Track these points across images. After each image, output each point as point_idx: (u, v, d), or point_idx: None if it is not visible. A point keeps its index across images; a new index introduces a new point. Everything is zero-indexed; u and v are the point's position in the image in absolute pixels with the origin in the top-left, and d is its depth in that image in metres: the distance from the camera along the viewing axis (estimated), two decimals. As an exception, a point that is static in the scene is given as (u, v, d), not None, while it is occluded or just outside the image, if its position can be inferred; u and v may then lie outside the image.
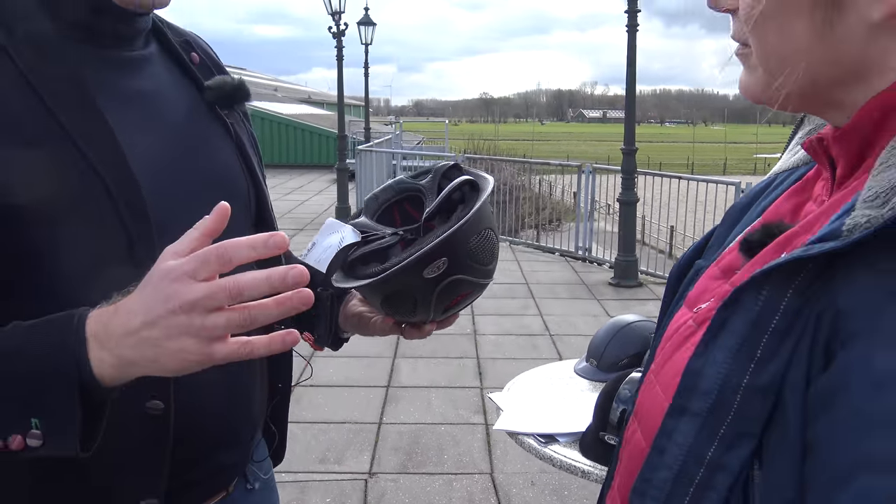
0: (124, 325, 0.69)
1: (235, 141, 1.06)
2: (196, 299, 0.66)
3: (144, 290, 0.70)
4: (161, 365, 0.70)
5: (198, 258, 0.68)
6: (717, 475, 0.54)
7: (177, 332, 0.67)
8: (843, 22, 0.53)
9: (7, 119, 0.80)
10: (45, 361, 0.71)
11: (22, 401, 0.71)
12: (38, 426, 0.70)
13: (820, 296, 0.50)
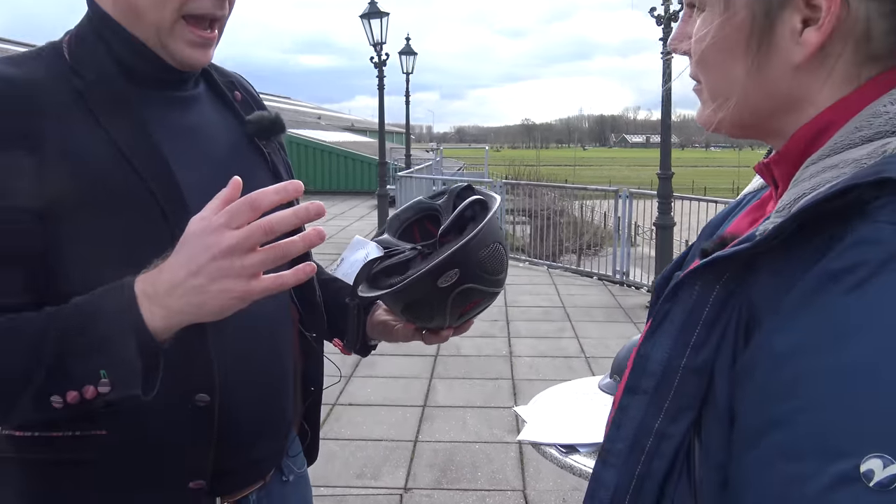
0: (170, 279, 0.83)
1: (272, 169, 1.20)
2: (235, 243, 0.80)
3: (183, 247, 0.83)
4: (207, 308, 0.83)
5: (230, 210, 0.82)
6: (663, 444, 0.64)
7: (220, 275, 0.81)
8: (771, 64, 0.64)
9: (80, 152, 0.95)
10: (103, 321, 0.84)
11: (89, 356, 0.84)
12: (106, 375, 0.84)
13: (741, 290, 0.60)
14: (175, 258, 0.84)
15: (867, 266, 0.50)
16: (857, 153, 0.56)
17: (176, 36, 1.01)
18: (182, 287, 0.83)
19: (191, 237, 0.83)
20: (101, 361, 0.84)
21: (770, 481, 0.51)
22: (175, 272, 0.83)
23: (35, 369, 0.84)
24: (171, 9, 0.98)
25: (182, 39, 1.01)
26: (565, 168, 47.26)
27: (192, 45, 1.02)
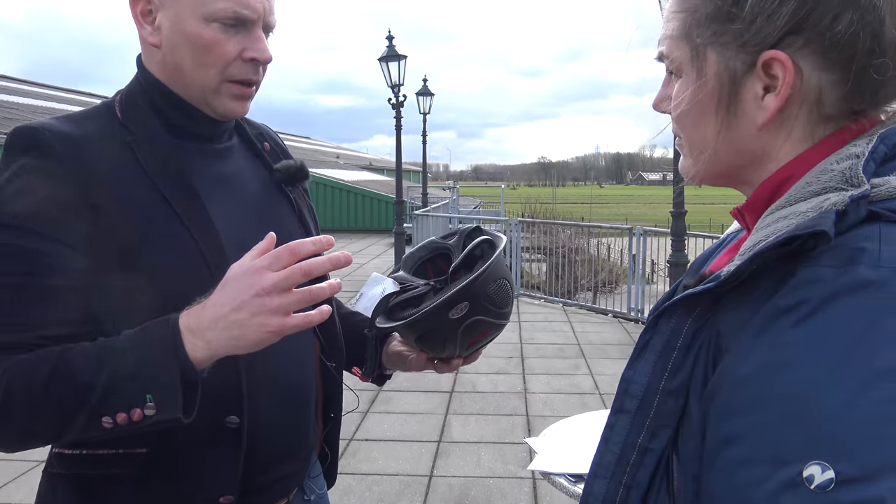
0: (214, 314, 0.94)
1: (297, 213, 1.31)
2: (277, 282, 0.92)
3: (226, 286, 0.95)
4: (245, 341, 0.94)
5: (273, 254, 0.94)
6: (646, 457, 0.72)
7: (260, 310, 0.92)
8: (738, 124, 0.74)
9: (130, 199, 1.07)
10: (150, 351, 0.95)
11: (137, 383, 0.94)
12: (152, 400, 0.94)
13: (710, 321, 0.69)
14: (218, 296, 0.95)
15: (810, 303, 0.59)
16: (804, 206, 0.65)
17: (221, 94, 1.14)
18: (225, 321, 0.93)
19: (233, 278, 0.95)
20: (148, 387, 0.94)
21: (732, 485, 0.60)
22: (218, 308, 0.94)
23: (90, 394, 0.94)
24: (215, 73, 1.12)
25: (226, 95, 1.14)
26: (582, 206, 47.34)
27: (234, 98, 1.15)
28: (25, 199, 1.02)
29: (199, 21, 1.08)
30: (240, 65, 1.12)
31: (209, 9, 1.08)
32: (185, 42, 1.10)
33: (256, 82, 1.17)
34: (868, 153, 0.66)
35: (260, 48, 1.13)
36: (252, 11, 1.10)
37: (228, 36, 1.10)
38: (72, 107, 20.53)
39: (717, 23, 0.72)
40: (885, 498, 0.52)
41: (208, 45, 1.09)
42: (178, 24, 1.10)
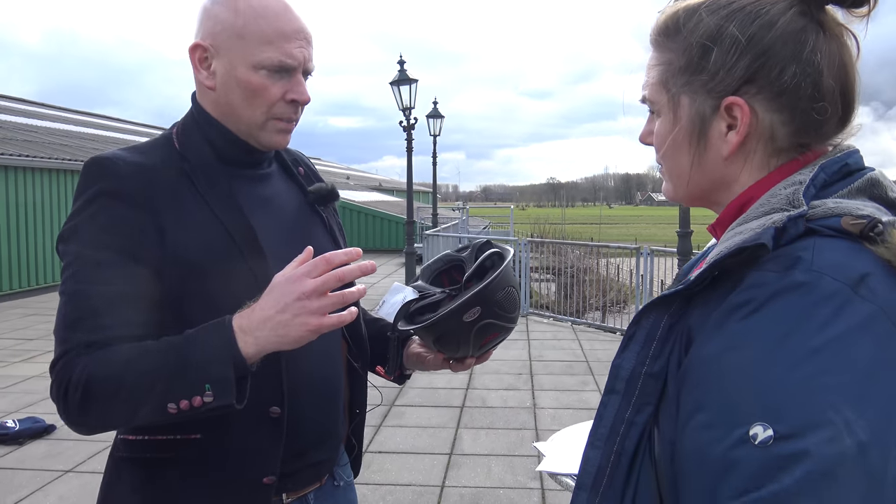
0: (262, 315, 1.11)
1: (328, 229, 1.48)
2: (314, 287, 1.09)
3: (272, 292, 1.12)
4: (288, 338, 1.11)
5: (311, 264, 1.11)
6: (632, 429, 0.88)
7: (301, 312, 1.09)
8: (707, 156, 0.90)
9: (188, 218, 1.24)
10: (210, 348, 1.12)
11: (199, 374, 1.11)
12: (210, 389, 1.10)
13: (683, 317, 0.85)
14: (265, 300, 1.12)
15: (757, 300, 0.75)
16: (755, 223, 0.81)
17: (267, 129, 1.32)
18: (272, 321, 1.10)
19: (278, 285, 1.12)
20: (207, 378, 1.11)
21: (697, 444, 0.75)
22: (266, 310, 1.11)
23: (158, 385, 1.11)
24: (262, 112, 1.30)
25: (271, 130, 1.32)
26: (591, 226, 47.42)
27: (278, 132, 1.33)
28: (101, 219, 1.19)
29: (249, 68, 1.27)
30: (283, 105, 1.30)
31: (258, 58, 1.26)
32: (236, 86, 1.28)
33: (296, 119, 1.34)
34: (809, 180, 0.82)
35: (300, 91, 1.31)
36: (294, 60, 1.28)
37: (273, 81, 1.28)
38: (87, 129, 20.91)
39: (688, 74, 0.88)
40: (810, 449, 0.67)
41: (256, 90, 1.28)
42: (231, 70, 1.28)
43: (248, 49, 1.26)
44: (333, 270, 1.11)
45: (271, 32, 1.26)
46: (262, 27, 1.26)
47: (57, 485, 4.32)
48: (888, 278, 0.74)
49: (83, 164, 1.26)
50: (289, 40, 1.27)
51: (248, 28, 1.26)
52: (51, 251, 13.21)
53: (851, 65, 0.86)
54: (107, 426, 1.21)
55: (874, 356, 0.69)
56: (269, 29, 1.26)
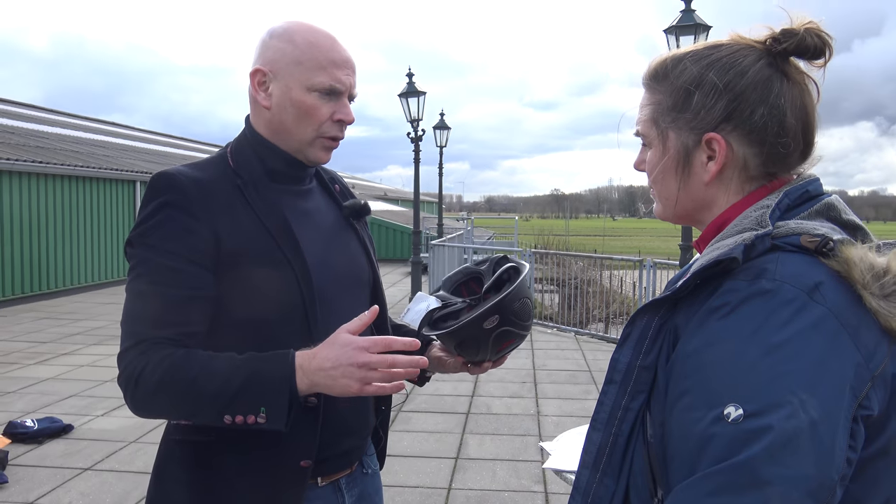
0: (319, 365, 1.27)
1: (361, 241, 1.65)
2: (367, 362, 1.25)
3: (334, 347, 1.27)
4: (332, 389, 1.28)
5: (372, 341, 1.27)
6: (628, 414, 1.03)
7: (350, 376, 1.25)
8: (691, 182, 1.07)
9: (241, 228, 1.41)
10: (272, 378, 1.28)
11: (258, 397, 1.28)
12: (264, 412, 1.27)
13: (671, 318, 1.01)
14: (326, 351, 1.28)
15: (730, 304, 0.91)
16: (730, 241, 0.97)
17: (314, 146, 1.50)
18: (324, 373, 1.27)
19: (339, 343, 1.28)
20: (264, 402, 1.28)
21: (682, 424, 0.90)
22: (323, 362, 1.27)
23: (223, 396, 1.28)
24: (312, 130, 1.48)
25: (318, 147, 1.50)
26: (594, 238, 47.43)
27: (324, 149, 1.51)
28: (167, 228, 1.36)
29: (303, 91, 1.45)
30: (330, 124, 1.48)
31: (311, 82, 1.45)
32: (291, 106, 1.46)
33: (341, 138, 1.52)
34: (775, 204, 0.99)
35: (346, 112, 1.49)
36: (342, 85, 1.47)
37: (324, 102, 1.46)
38: (96, 135, 21.13)
39: (674, 113, 1.05)
40: (773, 424, 0.83)
41: (309, 110, 1.46)
42: (287, 92, 1.46)
43: (304, 74, 1.45)
44: (389, 356, 1.27)
45: (324, 60, 1.45)
46: (316, 56, 1.45)
47: (77, 482, 4.48)
48: (838, 286, 0.90)
49: (150, 177, 1.44)
50: (339, 68, 1.47)
51: (304, 56, 1.45)
52: (62, 256, 13.41)
53: (812, 106, 1.03)
54: (166, 417, 1.40)
55: (824, 349, 0.85)
56: (323, 58, 1.45)
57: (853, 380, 0.85)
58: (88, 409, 6.04)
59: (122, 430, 5.44)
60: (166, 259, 1.35)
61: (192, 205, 1.38)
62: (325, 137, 1.49)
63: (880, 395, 0.88)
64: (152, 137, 28.40)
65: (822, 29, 1.01)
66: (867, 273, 0.90)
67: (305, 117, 1.46)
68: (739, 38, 1.05)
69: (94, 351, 8.41)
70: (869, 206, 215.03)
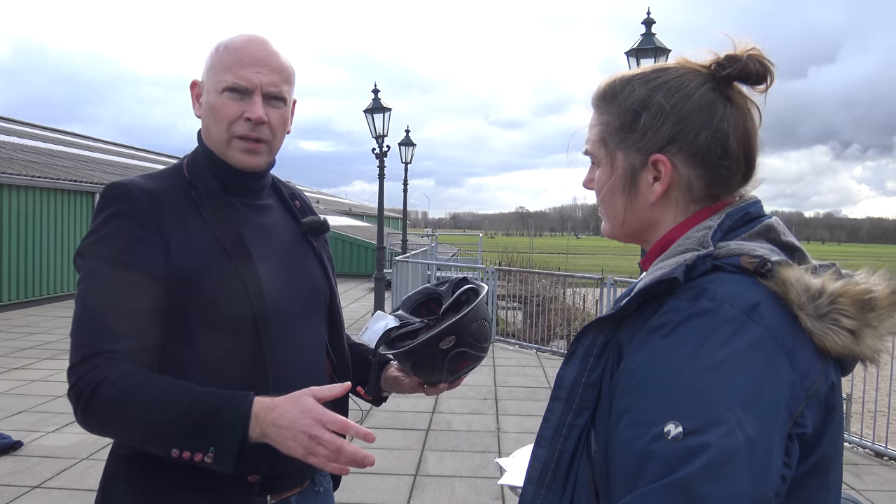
0: (275, 420, 1.25)
1: (318, 258, 1.64)
2: (318, 436, 1.23)
3: (294, 407, 1.25)
4: (279, 446, 1.25)
5: (330, 418, 1.24)
6: (573, 430, 1.04)
7: (299, 441, 1.23)
8: (638, 202, 1.09)
9: (193, 240, 1.39)
10: (226, 420, 1.26)
11: (209, 436, 1.26)
12: (213, 452, 1.26)
13: (615, 336, 1.02)
14: (285, 409, 1.25)
15: (671, 323, 0.92)
16: (673, 261, 0.99)
17: (232, 148, 1.49)
18: (276, 427, 1.25)
19: (301, 406, 1.25)
20: (213, 442, 1.26)
21: (624, 441, 0.91)
22: (278, 418, 1.25)
23: (172, 431, 1.26)
24: (223, 130, 1.48)
25: (236, 149, 1.49)
26: (558, 256, 47.80)
27: (243, 152, 1.49)
28: (119, 239, 1.35)
29: (214, 93, 1.47)
30: (241, 123, 1.47)
31: (219, 83, 1.46)
32: (208, 109, 1.49)
33: (260, 139, 1.49)
34: (717, 225, 1.01)
35: (253, 110, 1.47)
36: (246, 82, 1.46)
37: (233, 102, 1.46)
38: (54, 146, 20.74)
39: (622, 133, 1.07)
40: (710, 442, 0.84)
41: (217, 109, 1.47)
42: (206, 98, 1.49)
43: (215, 77, 1.47)
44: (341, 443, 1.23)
45: (230, 61, 1.46)
46: (224, 58, 1.47)
47: (25, 500, 4.35)
48: (775, 306, 0.92)
49: (103, 188, 1.42)
50: (245, 66, 1.46)
51: (217, 60, 1.48)
52: (16, 268, 13.10)
53: (754, 130, 1.06)
54: (115, 439, 1.39)
55: (761, 368, 0.87)
56: (230, 59, 1.47)
57: (788, 398, 0.87)
58: (39, 425, 5.89)
59: (73, 447, 5.31)
60: (118, 270, 1.33)
61: (143, 215, 1.37)
62: (240, 138, 1.48)
63: (814, 413, 0.90)
64: (113, 149, 27.97)
65: (764, 55, 1.04)
66: (803, 294, 0.92)
67: (216, 118, 1.48)
68: (685, 61, 1.08)
69: (46, 365, 8.21)
70: (824, 228, 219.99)
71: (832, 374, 0.94)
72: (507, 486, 2.43)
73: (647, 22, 8.33)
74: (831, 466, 0.96)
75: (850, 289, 0.92)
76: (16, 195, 13.19)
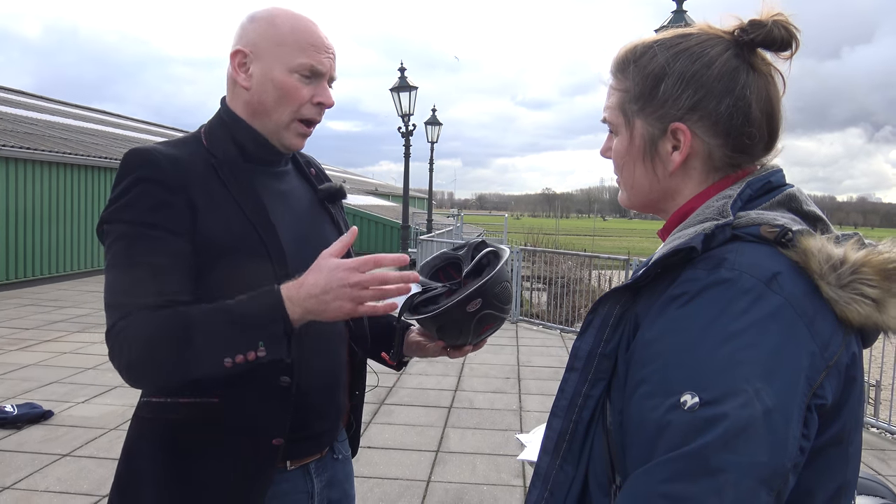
0: (308, 291, 1.28)
1: (335, 224, 1.65)
2: (360, 280, 1.27)
3: (321, 272, 1.28)
4: (326, 314, 1.29)
5: (360, 260, 1.28)
6: (588, 401, 1.04)
7: (343, 297, 1.27)
8: (656, 170, 1.07)
9: (215, 206, 1.40)
10: (264, 310, 1.29)
11: (254, 332, 1.28)
12: (263, 345, 1.28)
13: (632, 306, 1.01)
14: (313, 278, 1.29)
15: (690, 293, 0.91)
16: (691, 230, 0.98)
17: (290, 130, 1.49)
18: (316, 298, 1.28)
19: (327, 268, 1.29)
20: (261, 335, 1.28)
21: (640, 411, 0.91)
22: (312, 289, 1.28)
23: (218, 340, 1.28)
24: (290, 112, 1.48)
25: (293, 132, 1.50)
26: (584, 238, 47.52)
27: (298, 135, 1.51)
28: (144, 203, 1.36)
29: (284, 71, 1.46)
30: (310, 107, 1.49)
31: (293, 63, 1.45)
32: (272, 86, 1.47)
33: (317, 123, 1.52)
34: (737, 195, 0.99)
35: (326, 95, 1.50)
36: (323, 67, 1.48)
37: (304, 84, 1.47)
38: (86, 123, 21.00)
39: (641, 101, 1.05)
40: (727, 412, 0.83)
41: (290, 90, 1.47)
42: (268, 73, 1.47)
43: (286, 55, 1.46)
44: (379, 273, 1.28)
45: (305, 43, 1.46)
46: (298, 38, 1.46)
47: (55, 467, 4.46)
48: (795, 276, 0.91)
49: (123, 155, 1.43)
50: (319, 51, 1.48)
51: (287, 38, 1.46)
52: (48, 243, 13.34)
53: (777, 98, 1.04)
54: (164, 378, 1.35)
55: (780, 339, 0.86)
56: (304, 40, 1.46)
57: (808, 369, 0.86)
58: (69, 395, 6.01)
59: (102, 418, 5.42)
60: (145, 230, 1.35)
61: (167, 178, 1.38)
62: (302, 121, 1.50)
63: (834, 384, 0.89)
64: (143, 127, 28.24)
65: (789, 21, 1.01)
66: (825, 263, 0.91)
67: (285, 98, 1.47)
68: (708, 27, 1.06)
69: (77, 338, 8.37)
70: (857, 212, 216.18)
71: (854, 346, 0.93)
72: (527, 461, 2.44)
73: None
74: (851, 437, 0.95)
75: (873, 258, 0.90)
76: (47, 172, 13.39)
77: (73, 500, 4.04)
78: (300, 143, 1.53)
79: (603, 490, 0.99)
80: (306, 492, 1.55)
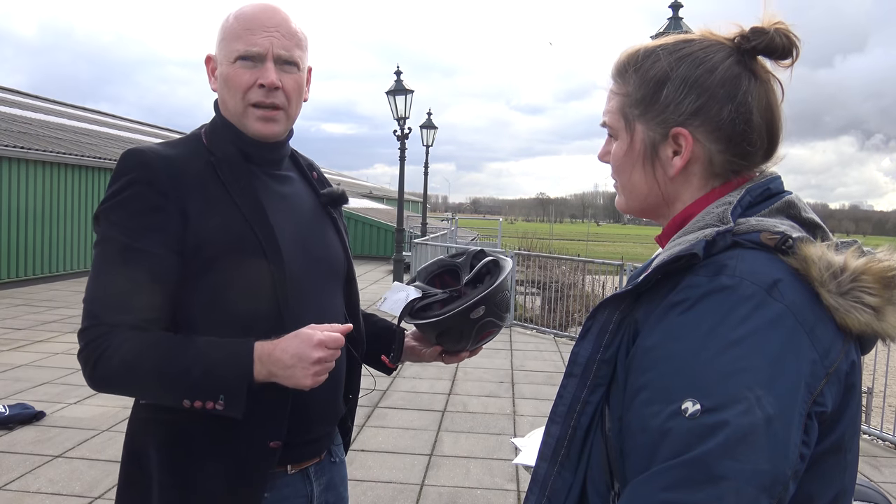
0: (279, 357, 1.31)
1: (337, 228, 1.65)
2: (322, 357, 1.31)
3: (295, 340, 1.31)
4: (285, 381, 1.32)
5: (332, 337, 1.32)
6: (587, 407, 1.03)
7: (304, 374, 1.30)
8: (655, 175, 1.07)
9: (212, 207, 1.40)
10: (232, 367, 1.31)
11: (218, 385, 1.30)
12: (223, 399, 1.30)
13: (631, 312, 1.01)
14: (287, 345, 1.32)
15: (690, 300, 0.91)
16: (692, 236, 0.98)
17: (248, 117, 1.49)
18: (284, 366, 1.31)
19: (302, 337, 1.32)
20: (223, 389, 1.31)
21: (640, 418, 0.90)
22: (283, 355, 1.31)
23: (184, 381, 1.31)
24: (239, 99, 1.48)
25: (252, 118, 1.49)
26: (578, 243, 47.56)
27: (259, 120, 1.49)
28: (134, 206, 1.36)
29: (227, 63, 1.47)
30: (255, 91, 1.47)
31: (230, 52, 1.47)
32: (222, 81, 1.49)
33: (275, 105, 1.49)
34: (737, 201, 0.99)
35: (266, 75, 1.46)
36: (257, 47, 1.45)
37: (246, 70, 1.46)
38: (81, 123, 20.92)
39: (643, 105, 1.05)
40: (729, 420, 0.83)
41: (230, 79, 1.47)
42: (220, 69, 1.49)
43: (227, 47, 1.47)
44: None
45: (240, 29, 1.46)
46: (234, 27, 1.47)
47: (47, 469, 4.44)
48: (796, 283, 0.91)
49: (121, 154, 1.43)
50: (254, 33, 1.46)
51: (229, 31, 1.48)
52: (41, 243, 13.27)
53: (777, 105, 1.04)
54: (126, 396, 1.43)
55: (781, 346, 0.86)
56: (239, 27, 1.47)
57: (808, 376, 0.86)
58: (61, 396, 5.98)
59: (94, 419, 5.39)
60: (130, 239, 1.34)
61: (160, 182, 1.38)
62: (255, 106, 1.48)
63: (834, 391, 0.89)
64: (137, 127, 28.16)
65: (790, 29, 1.02)
66: (825, 271, 0.91)
67: (230, 88, 1.48)
68: (710, 34, 1.06)
69: (69, 339, 8.31)
70: (850, 220, 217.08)
71: (853, 353, 0.93)
72: (522, 466, 2.44)
73: (675, 6, 8.22)
74: (850, 445, 0.95)
75: (872, 266, 0.90)
76: (41, 171, 13.34)
77: (65, 502, 4.02)
78: (268, 128, 1.50)
79: (601, 497, 0.99)
80: (306, 495, 1.55)
